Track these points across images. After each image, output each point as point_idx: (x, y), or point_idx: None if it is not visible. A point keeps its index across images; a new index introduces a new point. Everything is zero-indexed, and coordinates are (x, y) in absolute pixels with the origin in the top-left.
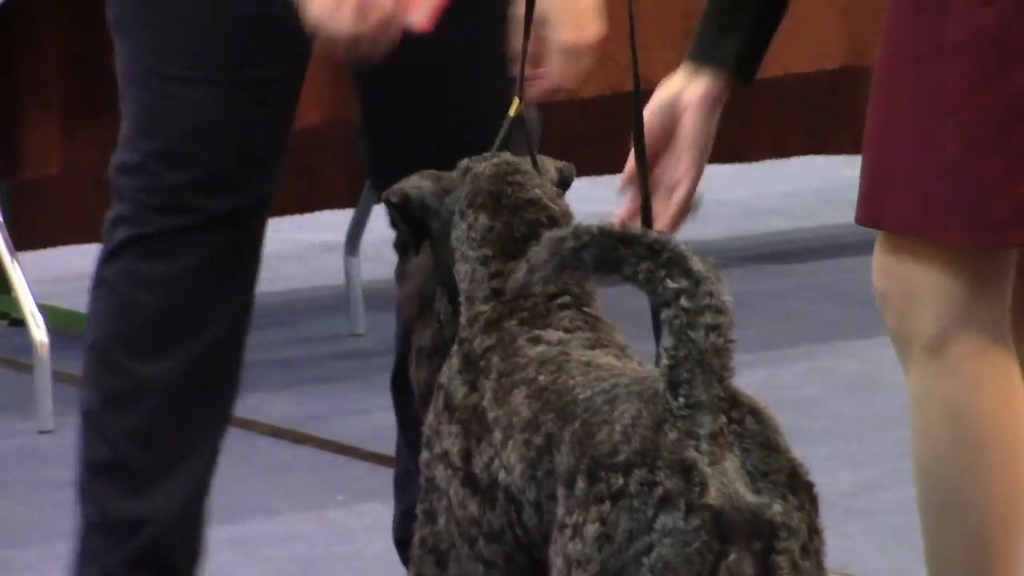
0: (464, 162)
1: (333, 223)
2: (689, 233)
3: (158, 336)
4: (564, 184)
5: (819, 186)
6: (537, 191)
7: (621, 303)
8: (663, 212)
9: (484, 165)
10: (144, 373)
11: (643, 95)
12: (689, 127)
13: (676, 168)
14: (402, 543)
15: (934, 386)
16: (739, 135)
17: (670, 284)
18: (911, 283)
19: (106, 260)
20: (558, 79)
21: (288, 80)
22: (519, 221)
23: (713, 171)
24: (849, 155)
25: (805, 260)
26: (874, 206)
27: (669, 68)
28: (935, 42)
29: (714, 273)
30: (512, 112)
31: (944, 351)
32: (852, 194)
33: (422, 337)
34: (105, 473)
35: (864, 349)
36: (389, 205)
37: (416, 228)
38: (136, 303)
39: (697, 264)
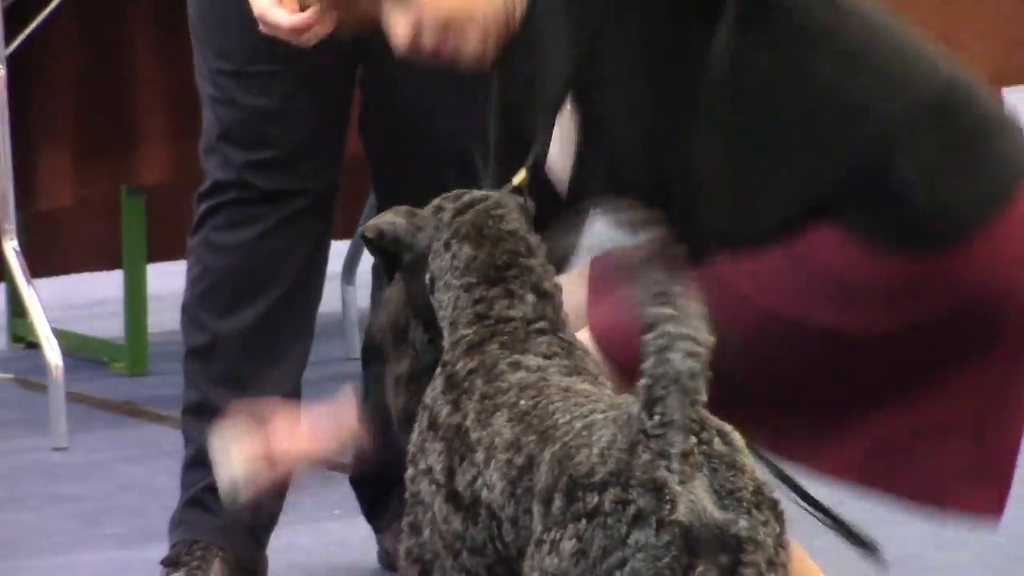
0: (437, 201)
1: (331, 254)
2: None
3: (230, 296)
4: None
5: None
6: (515, 223)
7: None
8: None
9: (463, 200)
10: (220, 328)
11: None
12: None
13: None
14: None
15: None
16: None
17: (653, 309)
18: None
19: (192, 232)
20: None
21: (328, 71)
22: (500, 251)
23: None
24: None
25: None
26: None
27: None
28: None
29: (705, 316)
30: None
31: None
32: None
33: (399, 366)
34: (196, 414)
35: None
36: (365, 240)
37: (389, 260)
38: (211, 268)
39: (686, 298)
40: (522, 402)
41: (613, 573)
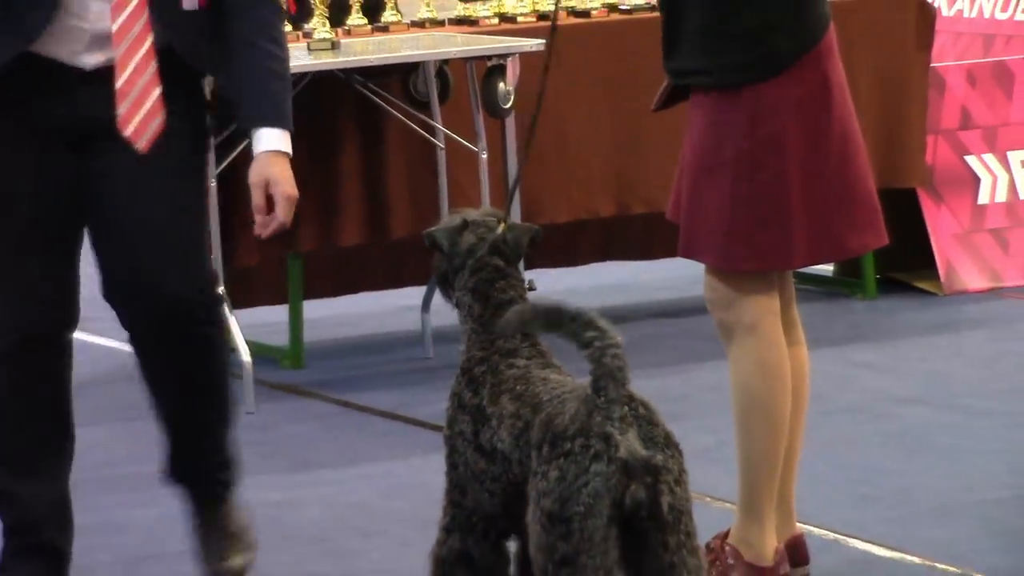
0: (469, 221)
1: (415, 293)
2: (617, 301)
3: None
4: (534, 242)
5: (693, 272)
6: (512, 292)
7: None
8: None
9: (480, 260)
10: None
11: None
12: None
13: None
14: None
15: (752, 349)
16: (646, 242)
17: (586, 334)
18: (730, 291)
19: None
20: (282, 219)
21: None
22: (501, 312)
23: (630, 265)
24: None
25: (685, 316)
26: (689, 248)
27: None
28: (717, 158)
29: (611, 328)
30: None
31: (759, 328)
32: None
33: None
34: None
35: (720, 367)
36: (425, 238)
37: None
38: None
39: (601, 322)
40: (518, 387)
41: (581, 490)
